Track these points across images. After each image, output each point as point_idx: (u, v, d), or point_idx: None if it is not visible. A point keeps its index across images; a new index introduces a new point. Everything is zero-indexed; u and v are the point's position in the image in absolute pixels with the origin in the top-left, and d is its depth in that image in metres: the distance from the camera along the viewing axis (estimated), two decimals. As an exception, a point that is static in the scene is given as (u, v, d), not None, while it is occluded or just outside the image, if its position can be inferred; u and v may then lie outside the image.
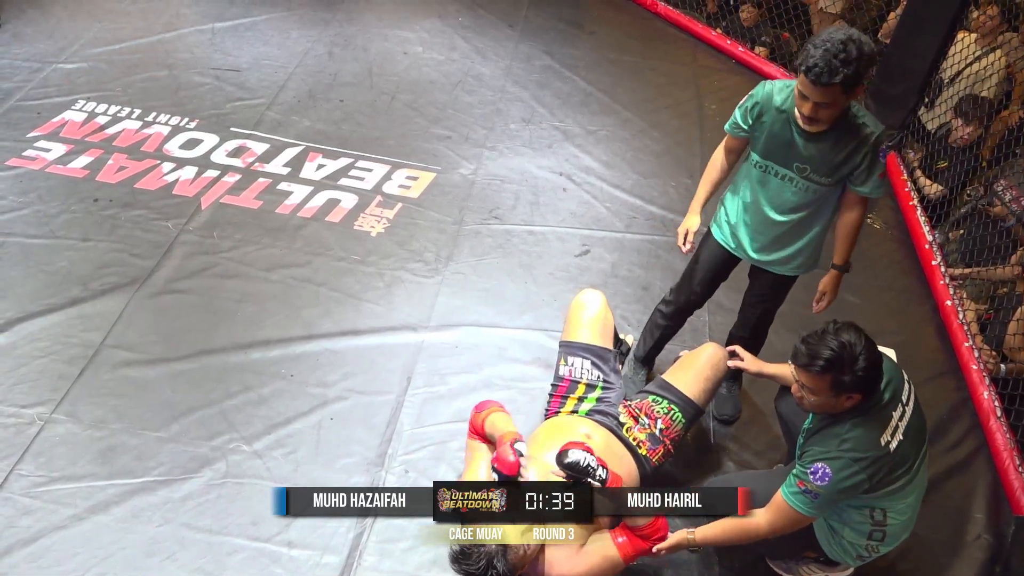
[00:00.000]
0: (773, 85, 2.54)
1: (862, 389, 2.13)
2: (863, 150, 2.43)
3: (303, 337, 3.29)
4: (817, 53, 2.23)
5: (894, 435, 2.17)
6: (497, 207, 4.06)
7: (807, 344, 2.15)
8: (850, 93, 2.29)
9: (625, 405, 2.80)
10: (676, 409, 2.76)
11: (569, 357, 2.87)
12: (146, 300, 3.37)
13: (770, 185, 2.60)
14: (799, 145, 2.47)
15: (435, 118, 4.64)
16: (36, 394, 2.97)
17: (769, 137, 2.53)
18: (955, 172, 4.15)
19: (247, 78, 4.79)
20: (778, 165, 2.55)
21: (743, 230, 2.76)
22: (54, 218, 3.71)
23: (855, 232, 2.66)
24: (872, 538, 2.33)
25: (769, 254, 2.76)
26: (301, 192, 4.01)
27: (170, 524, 2.63)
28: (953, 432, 3.25)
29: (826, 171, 2.49)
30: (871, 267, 3.99)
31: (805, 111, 2.35)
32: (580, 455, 2.31)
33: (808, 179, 2.52)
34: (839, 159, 2.45)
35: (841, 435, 2.16)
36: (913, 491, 2.29)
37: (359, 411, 3.03)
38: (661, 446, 2.71)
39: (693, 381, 2.81)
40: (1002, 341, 3.44)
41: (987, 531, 2.90)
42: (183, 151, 4.18)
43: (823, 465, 2.16)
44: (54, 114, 4.32)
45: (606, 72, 5.22)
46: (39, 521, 2.60)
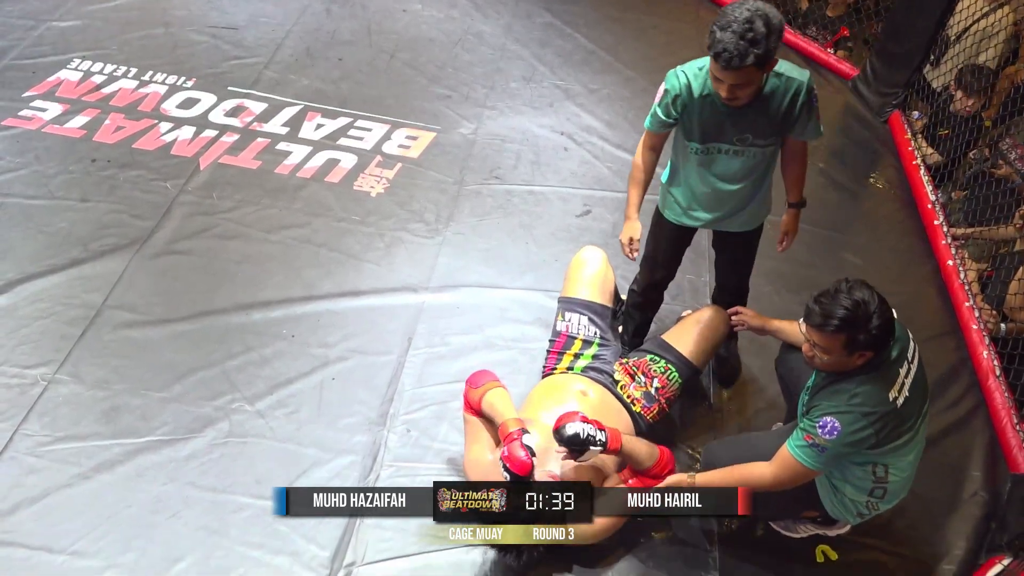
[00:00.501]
0: (685, 73, 2.46)
1: (875, 346, 2.13)
2: (797, 103, 2.41)
3: (304, 298, 3.29)
4: (725, 37, 2.17)
5: (901, 391, 2.18)
6: (498, 167, 4.03)
7: (820, 304, 2.13)
8: (764, 68, 2.25)
9: (621, 363, 2.81)
10: (673, 369, 2.78)
11: (567, 313, 2.88)
12: (146, 261, 3.37)
13: (717, 162, 2.56)
14: (733, 119, 2.44)
15: (435, 77, 4.58)
16: (39, 355, 2.98)
17: (701, 123, 2.47)
18: (957, 142, 4.11)
19: (244, 36, 4.73)
20: (720, 143, 2.51)
21: (697, 209, 2.70)
22: (52, 179, 3.68)
23: (803, 172, 2.67)
24: (873, 495, 2.36)
25: (727, 219, 2.73)
26: (300, 152, 3.98)
27: (175, 483, 2.66)
28: (952, 391, 3.27)
29: (767, 132, 2.47)
30: (873, 227, 3.98)
31: (723, 93, 2.31)
32: (577, 427, 2.31)
33: (752, 145, 2.49)
34: (776, 119, 2.43)
35: (851, 390, 2.17)
36: (914, 448, 2.31)
37: (360, 371, 3.04)
38: (656, 404, 2.73)
39: (692, 342, 2.82)
40: (1003, 301, 3.44)
41: (984, 488, 2.93)
42: (181, 111, 4.14)
43: (832, 419, 2.17)
44: (49, 73, 4.27)
45: (608, 30, 5.14)
46: (45, 480, 2.62)
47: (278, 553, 2.51)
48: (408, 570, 2.50)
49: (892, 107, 4.62)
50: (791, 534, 2.66)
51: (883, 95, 4.67)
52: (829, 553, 2.66)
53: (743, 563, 2.62)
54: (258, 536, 2.54)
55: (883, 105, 4.66)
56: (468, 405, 2.63)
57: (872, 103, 4.73)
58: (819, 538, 2.66)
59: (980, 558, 2.70)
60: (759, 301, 3.34)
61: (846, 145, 4.53)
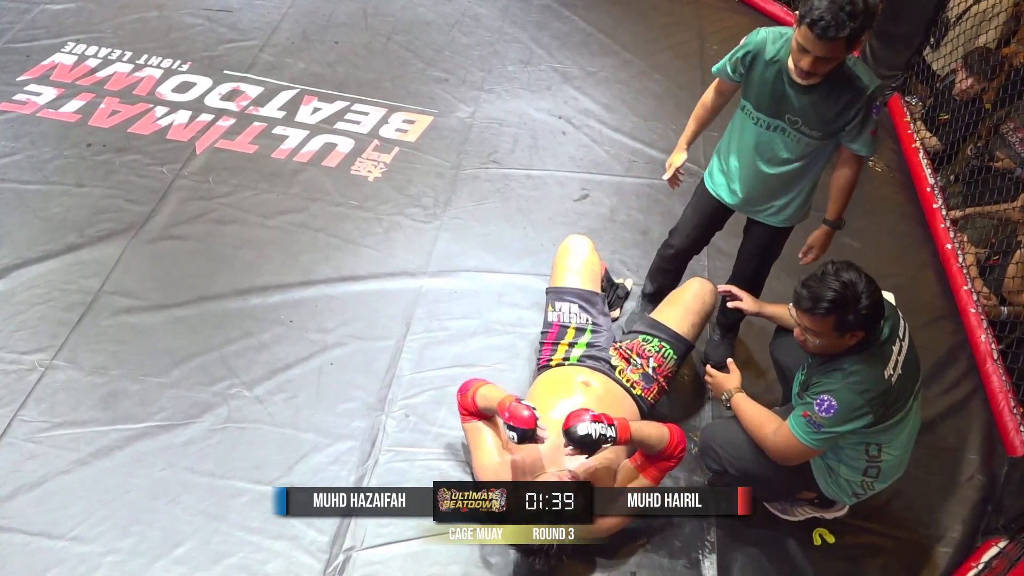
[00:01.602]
0: (768, 33, 2.45)
1: (866, 326, 2.14)
2: (856, 105, 2.37)
3: (302, 283, 3.28)
4: (823, 5, 2.14)
5: (895, 369, 2.20)
6: (495, 151, 4.01)
7: (808, 288, 2.14)
8: (852, 47, 2.22)
9: (615, 347, 2.81)
10: (667, 346, 2.78)
11: (557, 303, 2.88)
12: (143, 246, 3.35)
13: (761, 137, 2.54)
14: (791, 97, 2.41)
15: (432, 60, 4.55)
16: (36, 341, 2.97)
17: (760, 87, 2.46)
18: (956, 127, 4.09)
19: (239, 19, 4.69)
20: (769, 117, 2.48)
21: (735, 182, 2.71)
22: (47, 163, 3.66)
23: (848, 189, 2.60)
24: (867, 474, 2.37)
25: (760, 205, 2.72)
26: (297, 136, 3.96)
27: (173, 468, 2.66)
28: (950, 374, 3.27)
29: (818, 124, 2.42)
30: (872, 210, 3.97)
31: (804, 65, 2.27)
32: (588, 428, 2.29)
33: (800, 131, 2.46)
34: (832, 113, 2.39)
35: (847, 369, 2.18)
36: (907, 427, 2.33)
37: (359, 356, 3.04)
38: (655, 384, 2.74)
39: (682, 317, 2.83)
40: (1001, 284, 3.44)
41: (980, 472, 2.94)
42: (176, 94, 4.11)
43: (829, 397, 2.18)
44: (43, 57, 4.24)
45: (606, 12, 5.10)
46: (43, 466, 2.62)
47: (277, 538, 2.51)
48: (406, 555, 2.51)
49: (892, 90, 4.60)
50: (789, 517, 2.67)
51: (882, 77, 4.64)
52: (826, 536, 2.67)
53: (741, 545, 2.63)
54: (257, 521, 2.55)
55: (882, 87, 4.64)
56: (465, 412, 2.62)
57: (871, 85, 4.70)
58: (816, 521, 2.68)
59: (976, 541, 2.72)
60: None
61: (845, 128, 4.51)
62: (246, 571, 2.44)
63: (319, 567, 2.46)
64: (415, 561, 2.50)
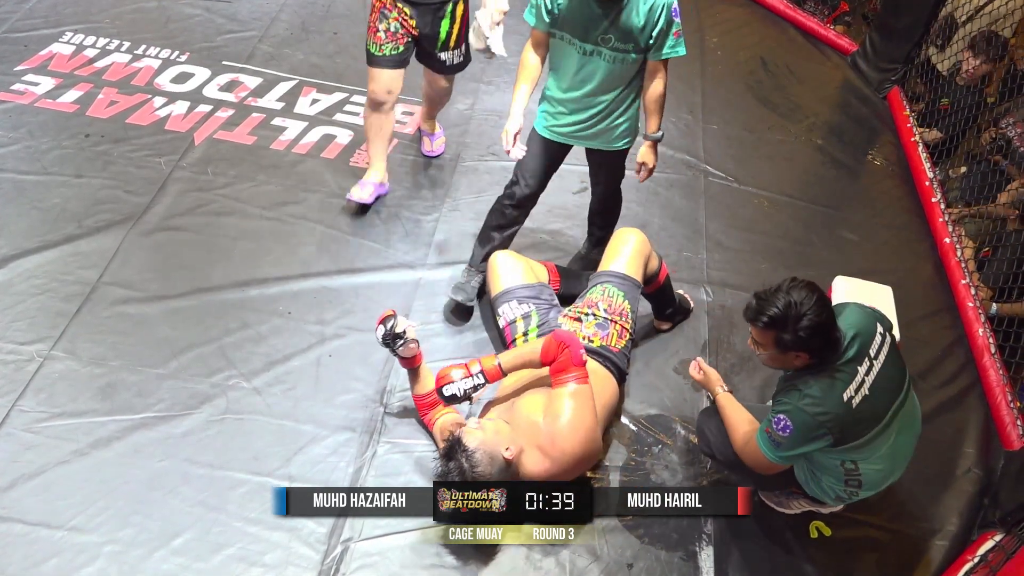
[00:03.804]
0: None
1: (805, 349, 2.12)
2: (658, 11, 2.58)
3: (300, 275, 3.28)
4: None
5: (859, 390, 2.16)
6: (494, 143, 4.00)
7: (757, 299, 2.17)
8: None
9: (564, 315, 2.85)
10: (609, 286, 2.83)
11: (498, 309, 2.93)
12: (141, 237, 3.35)
13: (580, 64, 2.70)
14: (598, 16, 2.58)
15: (431, 51, 4.52)
16: (34, 331, 2.97)
17: (570, 13, 2.62)
18: (957, 118, 4.08)
19: (238, 9, 4.67)
20: (582, 41, 2.65)
21: (563, 116, 2.85)
22: (45, 154, 3.65)
23: (660, 99, 2.80)
24: (849, 485, 2.37)
25: (590, 131, 2.85)
26: (295, 128, 3.95)
27: (172, 459, 2.66)
28: (947, 368, 3.28)
29: (628, 38, 2.60)
30: (871, 204, 3.97)
31: None
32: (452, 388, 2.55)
33: (614, 49, 2.63)
34: (639, 24, 2.58)
35: (801, 390, 2.17)
36: (887, 441, 2.28)
37: (357, 348, 3.04)
38: (611, 324, 2.75)
39: (616, 259, 2.87)
40: (999, 279, 3.44)
41: (977, 465, 2.95)
42: (174, 85, 4.10)
43: (784, 417, 2.18)
44: (41, 47, 4.22)
45: (606, 4, 5.08)
46: (42, 456, 2.62)
47: (276, 529, 2.52)
48: (404, 546, 2.51)
49: (891, 83, 4.60)
50: (784, 510, 2.68)
51: (882, 71, 4.65)
52: (823, 529, 2.68)
53: (737, 538, 2.63)
54: (256, 512, 2.55)
55: (882, 81, 4.64)
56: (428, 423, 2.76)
57: (871, 79, 4.70)
58: (812, 514, 2.68)
59: (973, 534, 2.73)
60: (756, 278, 3.35)
61: (844, 122, 4.51)
62: (244, 561, 2.45)
63: (317, 558, 2.47)
64: (413, 552, 2.50)
